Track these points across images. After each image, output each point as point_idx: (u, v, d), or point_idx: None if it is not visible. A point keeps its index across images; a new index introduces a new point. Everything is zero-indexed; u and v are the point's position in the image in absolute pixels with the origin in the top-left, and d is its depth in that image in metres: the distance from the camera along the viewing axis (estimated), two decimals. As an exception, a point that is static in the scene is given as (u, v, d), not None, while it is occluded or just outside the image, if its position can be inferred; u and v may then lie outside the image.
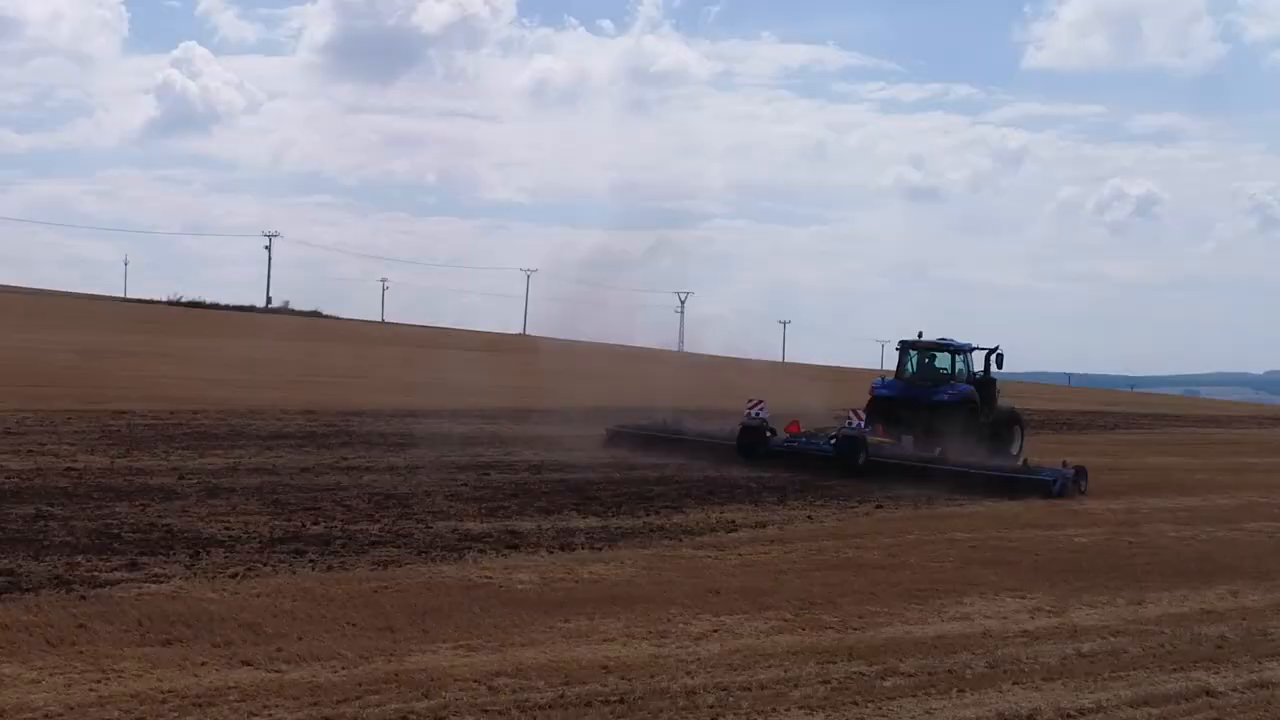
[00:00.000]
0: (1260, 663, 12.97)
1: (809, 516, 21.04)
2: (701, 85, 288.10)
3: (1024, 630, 13.54)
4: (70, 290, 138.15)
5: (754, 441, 29.21)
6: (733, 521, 19.81)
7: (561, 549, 16.54)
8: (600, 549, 16.70)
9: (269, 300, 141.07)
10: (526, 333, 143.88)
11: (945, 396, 31.42)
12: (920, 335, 33.16)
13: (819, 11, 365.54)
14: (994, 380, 33.58)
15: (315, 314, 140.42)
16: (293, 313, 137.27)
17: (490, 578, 14.31)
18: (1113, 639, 13.49)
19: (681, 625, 12.61)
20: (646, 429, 31.81)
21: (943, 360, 32.80)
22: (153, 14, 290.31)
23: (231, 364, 52.87)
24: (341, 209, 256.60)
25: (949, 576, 16.38)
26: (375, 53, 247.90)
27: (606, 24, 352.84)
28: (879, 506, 22.84)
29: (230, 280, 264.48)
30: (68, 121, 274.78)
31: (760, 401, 29.73)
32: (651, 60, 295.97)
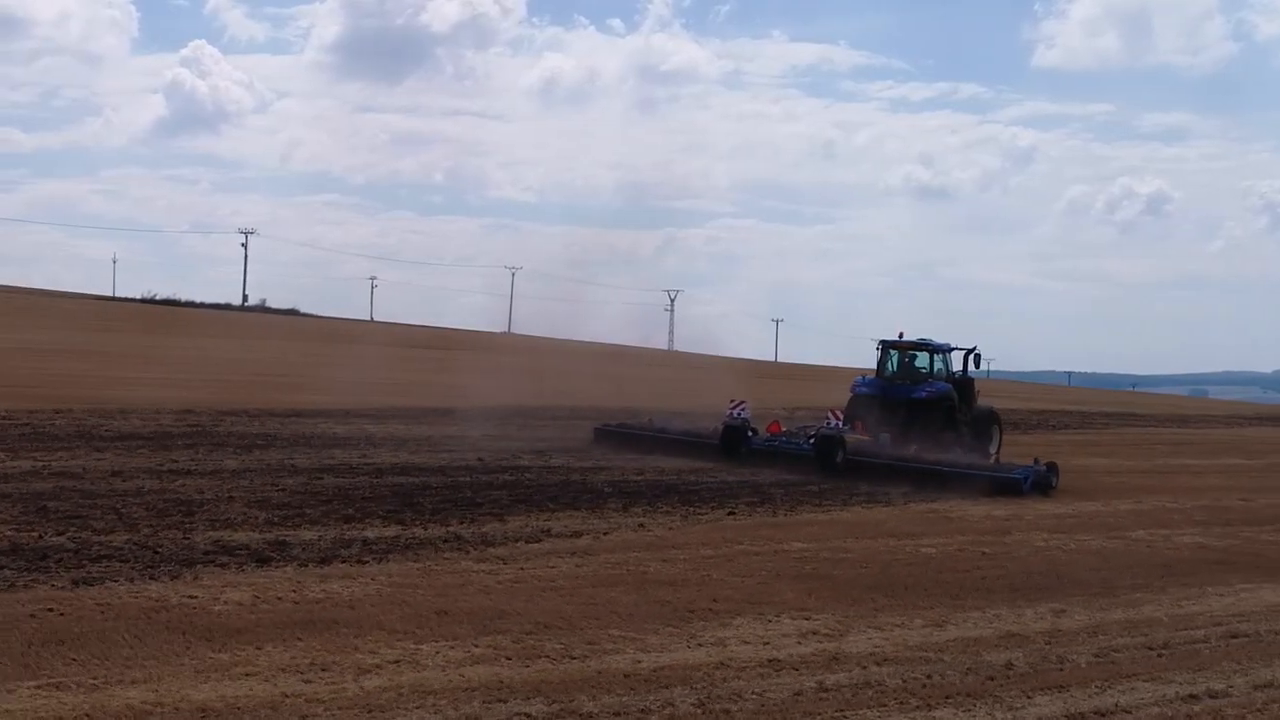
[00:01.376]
0: (1029, 697, 11.42)
1: (641, 524, 19.51)
2: (711, 84, 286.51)
3: (774, 659, 12.01)
4: (56, 290, 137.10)
5: (736, 441, 29.74)
6: (548, 530, 18.28)
7: (321, 563, 15.01)
8: (365, 562, 15.19)
9: (245, 298, 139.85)
10: (512, 330, 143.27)
11: (923, 394, 31.98)
12: (901, 335, 33.65)
13: (830, 10, 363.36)
14: (972, 380, 34.14)
15: (293, 312, 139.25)
16: (270, 311, 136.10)
17: (193, 598, 12.79)
18: (875, 668, 11.96)
19: (358, 656, 11.09)
20: (630, 428, 32.53)
21: (922, 360, 33.40)
22: (161, 13, 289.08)
23: (156, 361, 51.45)
24: (349, 208, 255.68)
25: (742, 594, 14.85)
26: (384, 52, 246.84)
27: (616, 23, 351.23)
28: (731, 513, 21.30)
29: (233, 280, 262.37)
30: (75, 121, 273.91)
31: (742, 402, 30.49)
32: (661, 59, 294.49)
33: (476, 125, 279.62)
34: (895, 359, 33.43)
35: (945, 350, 33.58)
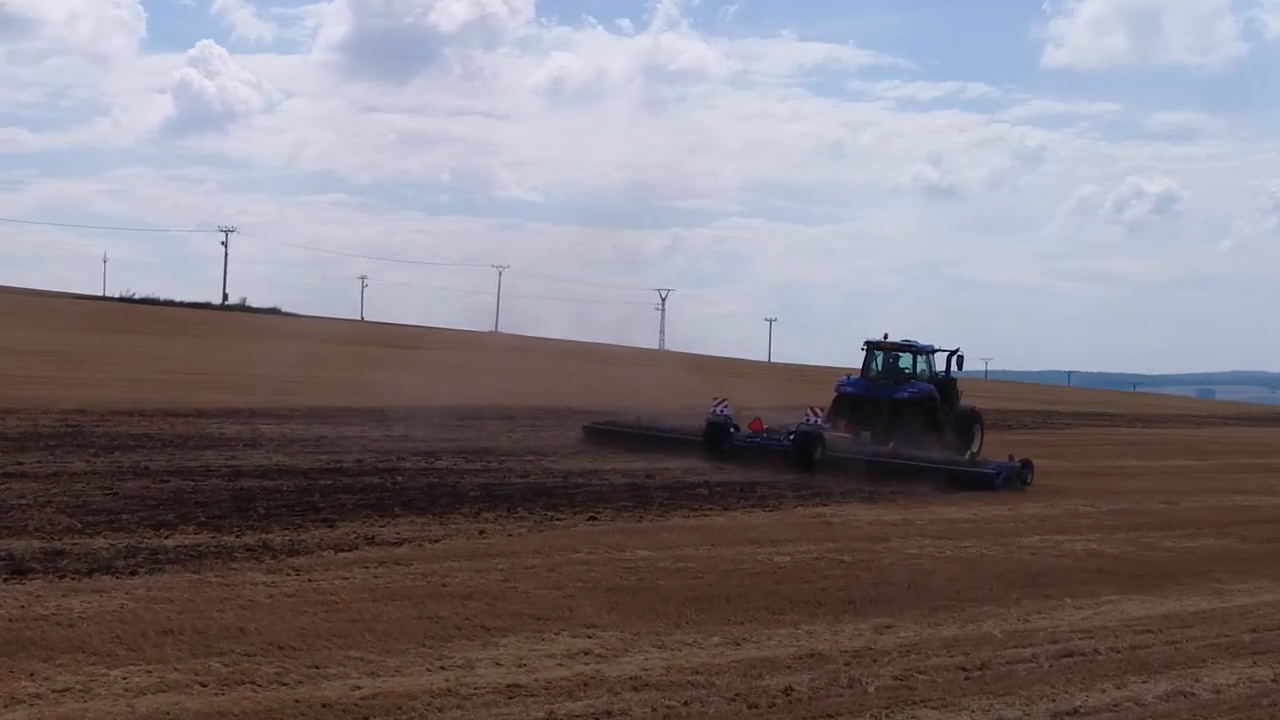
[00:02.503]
0: (785, 729, 10.28)
1: (482, 531, 18.33)
2: (718, 84, 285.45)
3: (515, 684, 10.82)
4: (45, 290, 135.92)
5: (718, 437, 30.48)
6: (372, 538, 17.06)
7: (85, 574, 13.84)
8: (135, 574, 13.99)
9: (226, 297, 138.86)
10: (499, 330, 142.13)
11: (906, 395, 32.91)
12: (885, 337, 34.55)
13: (839, 10, 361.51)
14: (954, 380, 34.99)
15: (274, 311, 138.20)
16: (250, 310, 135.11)
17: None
18: (628, 695, 10.79)
19: (22, 684, 9.91)
20: (618, 426, 33.19)
21: (905, 361, 34.31)
22: (169, 13, 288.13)
23: (93, 360, 50.45)
24: (355, 208, 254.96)
25: (537, 608, 13.66)
26: (392, 52, 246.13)
27: (625, 23, 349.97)
28: (592, 518, 20.12)
29: (240, 279, 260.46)
30: (83, 121, 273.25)
31: (725, 400, 31.65)
32: (669, 59, 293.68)
33: (483, 125, 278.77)
34: (880, 360, 34.25)
35: (928, 352, 34.45)
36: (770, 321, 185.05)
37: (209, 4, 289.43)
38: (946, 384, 34.45)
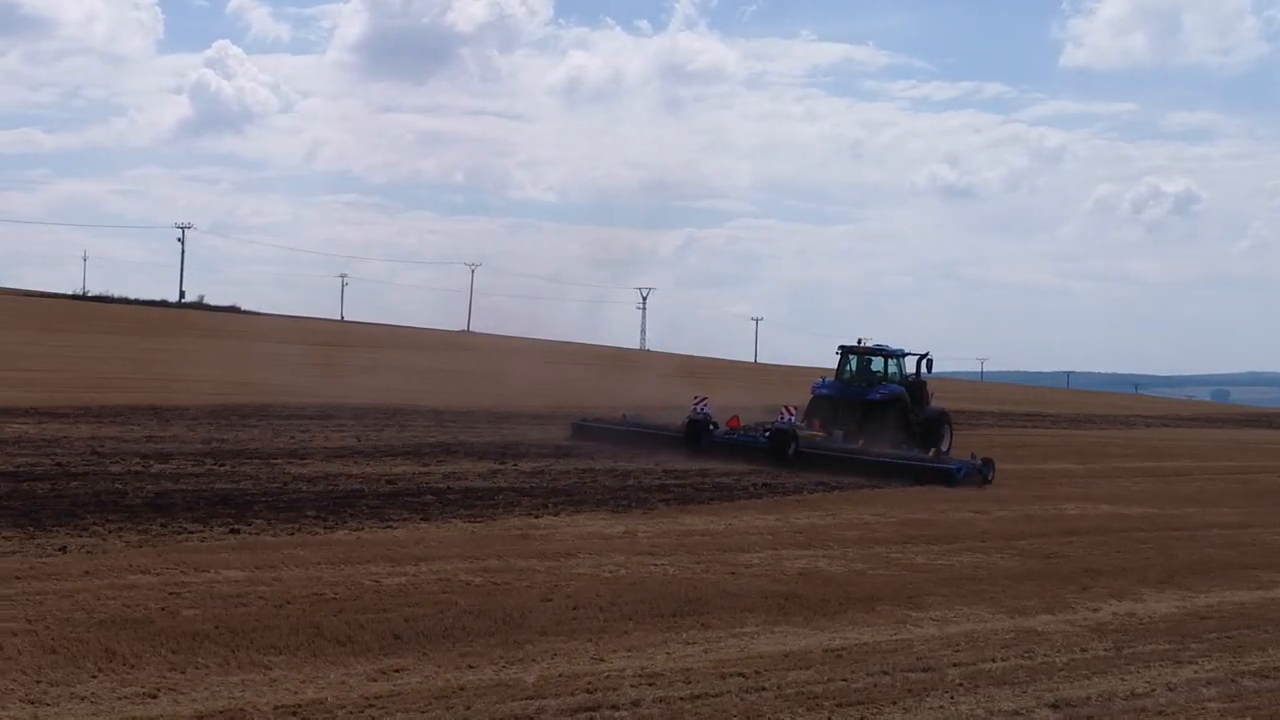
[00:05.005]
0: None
1: (63, 548, 15.82)
2: (735, 84, 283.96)
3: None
4: (24, 289, 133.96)
5: (699, 434, 32.13)
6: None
7: None
8: None
9: (182, 295, 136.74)
10: (471, 329, 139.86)
11: (877, 396, 34.84)
12: (860, 341, 36.43)
13: (858, 10, 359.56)
14: (924, 382, 36.92)
15: (233, 309, 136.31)
16: (205, 308, 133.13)
17: None
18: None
19: None
20: (606, 422, 35.46)
21: (877, 364, 36.35)
22: (186, 14, 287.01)
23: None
24: (368, 208, 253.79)
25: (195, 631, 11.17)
26: (409, 52, 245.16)
27: (643, 24, 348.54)
28: (234, 530, 17.61)
29: (246, 279, 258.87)
30: (99, 121, 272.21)
31: (705, 398, 33.58)
32: (688, 59, 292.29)
33: (500, 126, 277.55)
34: (854, 363, 36.22)
35: (899, 355, 36.52)
36: (756, 321, 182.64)
37: (224, 4, 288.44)
38: (917, 386, 36.38)
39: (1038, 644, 14.22)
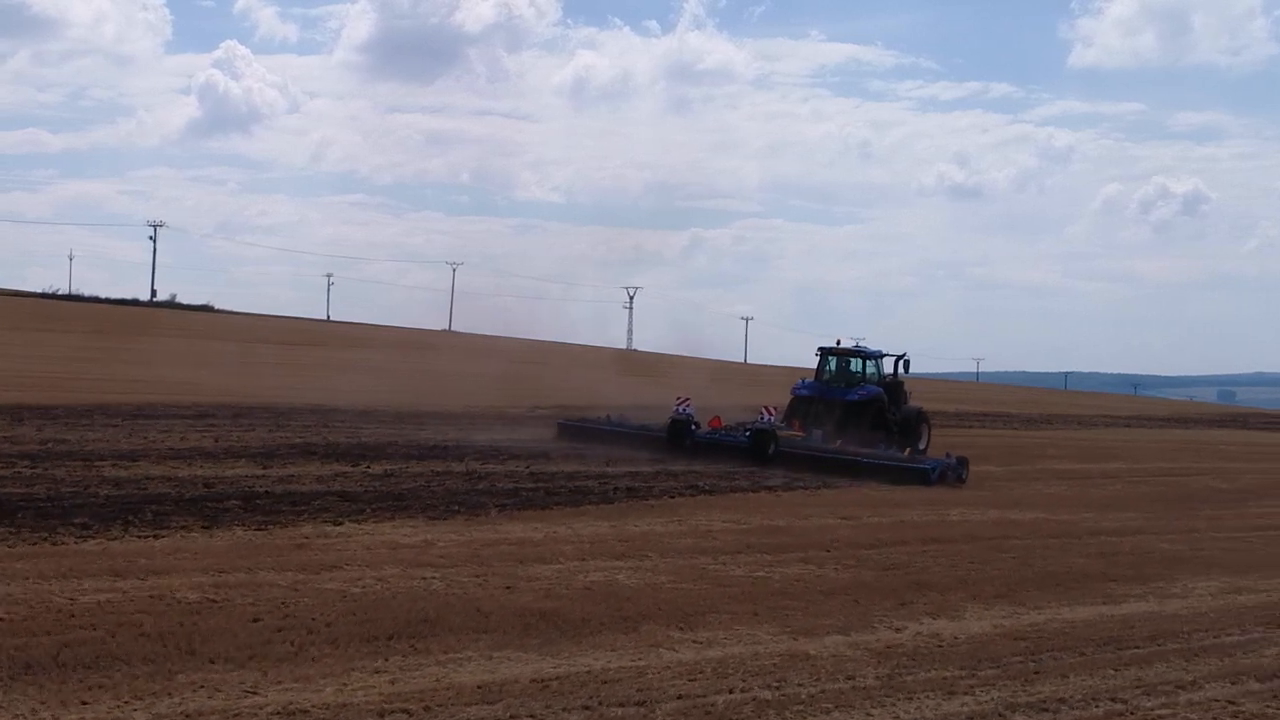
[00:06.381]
0: None
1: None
2: (744, 85, 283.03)
3: None
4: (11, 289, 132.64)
5: (681, 434, 32.53)
6: None
7: None
8: None
9: (154, 294, 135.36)
10: (453, 329, 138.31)
11: (855, 397, 35.65)
12: (839, 342, 37.30)
13: (866, 10, 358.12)
14: (902, 383, 37.65)
15: (206, 308, 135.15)
16: (179, 306, 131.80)
17: None
18: None
19: None
20: (590, 422, 35.81)
21: (856, 365, 37.10)
22: (193, 14, 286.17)
23: None
24: (374, 208, 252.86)
25: None
26: (416, 52, 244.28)
27: (652, 24, 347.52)
28: (114, 538, 16.12)
29: (253, 280, 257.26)
30: (106, 122, 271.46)
31: (687, 399, 33.62)
32: (696, 59, 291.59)
33: (508, 126, 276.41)
34: (833, 364, 37.06)
35: (878, 356, 37.30)
36: (747, 320, 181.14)
37: (231, 4, 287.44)
38: (894, 386, 37.07)
39: (799, 671, 12.63)
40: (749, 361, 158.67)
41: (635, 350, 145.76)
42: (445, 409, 42.02)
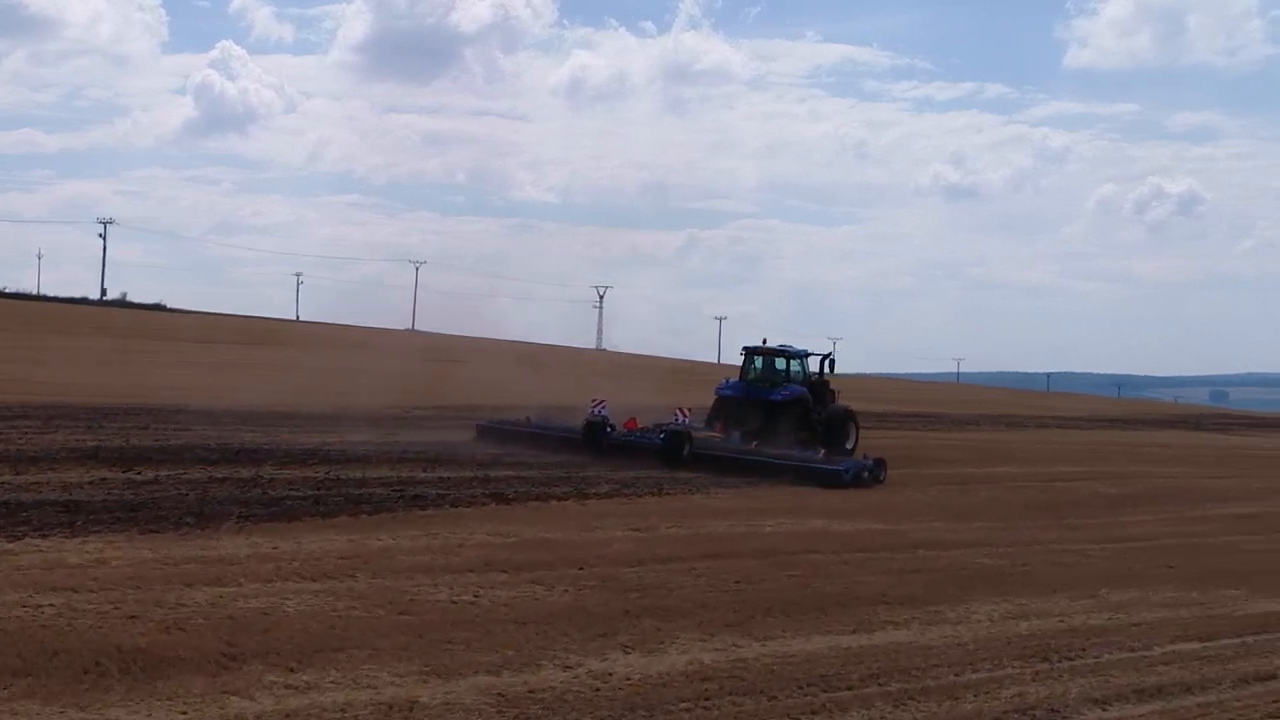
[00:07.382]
0: None
1: None
2: (740, 85, 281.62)
3: None
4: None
5: (596, 435, 32.08)
6: None
7: None
8: None
9: (104, 292, 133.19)
10: (416, 328, 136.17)
11: (779, 397, 35.20)
12: (764, 342, 36.95)
13: (861, 11, 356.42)
14: (828, 382, 37.17)
15: (158, 307, 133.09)
16: (129, 305, 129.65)
17: None
18: None
19: None
20: (508, 424, 35.19)
21: (781, 364, 36.68)
22: (189, 14, 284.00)
23: None
24: (371, 208, 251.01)
25: None
26: (412, 53, 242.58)
27: (648, 25, 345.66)
28: None
29: (252, 280, 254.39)
30: (102, 122, 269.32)
31: (602, 400, 33.10)
32: (692, 59, 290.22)
33: (502, 126, 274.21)
34: (758, 363, 36.65)
35: (803, 355, 37.06)
36: (720, 320, 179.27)
37: (227, 4, 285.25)
38: (820, 386, 36.60)
39: (385, 726, 10.58)
40: (722, 361, 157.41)
41: (604, 350, 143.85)
42: (319, 410, 39.89)
